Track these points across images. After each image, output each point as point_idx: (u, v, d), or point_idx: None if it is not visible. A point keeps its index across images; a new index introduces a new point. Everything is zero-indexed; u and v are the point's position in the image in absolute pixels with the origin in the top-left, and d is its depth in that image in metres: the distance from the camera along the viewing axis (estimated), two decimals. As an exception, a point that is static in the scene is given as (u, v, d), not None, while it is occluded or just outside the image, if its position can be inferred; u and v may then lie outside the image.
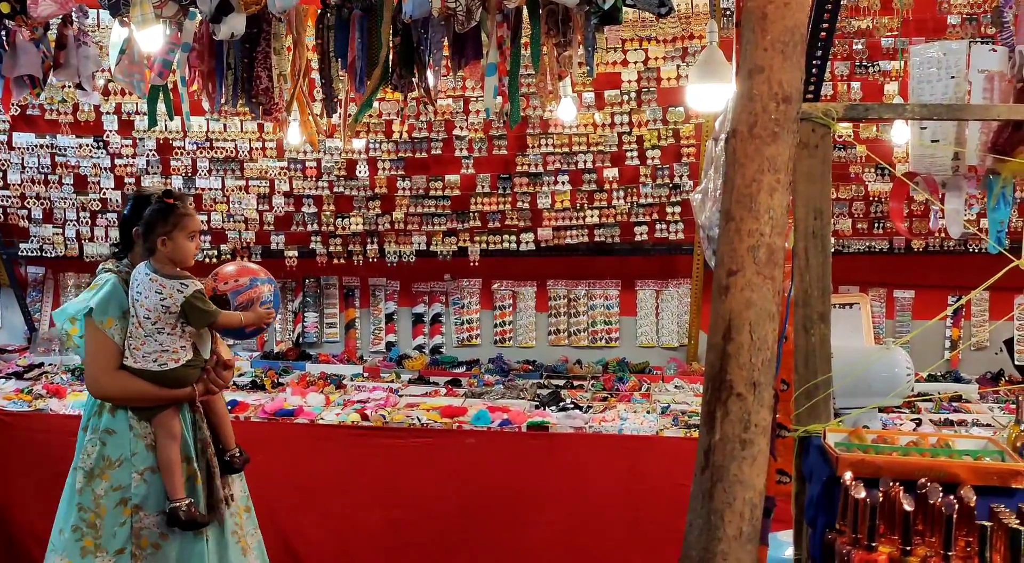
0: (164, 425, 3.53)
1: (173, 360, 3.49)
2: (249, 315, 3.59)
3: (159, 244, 3.48)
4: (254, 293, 3.61)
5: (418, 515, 5.20)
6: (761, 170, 2.18)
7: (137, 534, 3.53)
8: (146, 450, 3.54)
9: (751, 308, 2.12)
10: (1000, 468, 2.10)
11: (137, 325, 3.47)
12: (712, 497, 2.04)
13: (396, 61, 3.71)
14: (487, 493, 5.22)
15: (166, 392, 3.51)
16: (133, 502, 3.54)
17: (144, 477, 3.54)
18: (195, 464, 3.61)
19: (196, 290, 3.49)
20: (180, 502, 3.50)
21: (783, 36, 2.25)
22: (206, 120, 6.38)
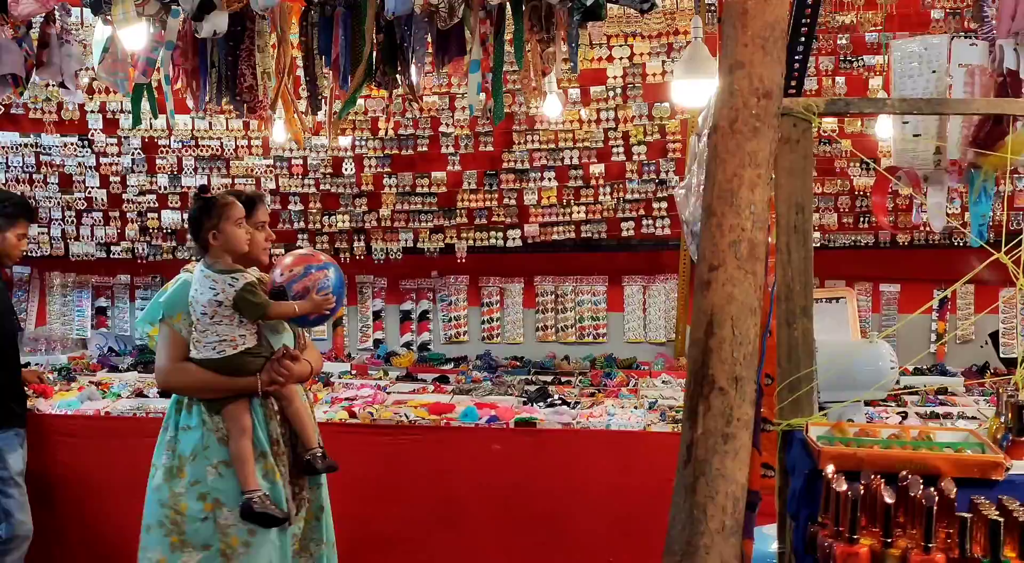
0: (233, 417, 3.52)
1: (231, 347, 3.48)
2: (304, 304, 3.53)
3: (210, 238, 3.49)
4: (309, 281, 3.56)
5: (406, 512, 5.20)
6: (742, 165, 2.19)
7: (224, 531, 3.51)
8: (218, 444, 3.52)
9: (733, 303, 2.12)
10: (980, 460, 2.11)
11: (197, 320, 3.49)
12: (695, 491, 2.05)
13: (380, 58, 3.71)
14: (475, 489, 5.23)
15: (228, 381, 3.49)
16: (212, 496, 3.51)
17: (219, 471, 3.52)
18: (269, 460, 3.57)
19: (247, 283, 3.47)
20: (252, 493, 3.47)
21: (763, 31, 2.26)
22: (191, 118, 6.37)
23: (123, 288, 7.21)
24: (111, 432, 5.37)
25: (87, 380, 6.17)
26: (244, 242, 3.55)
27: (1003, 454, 2.15)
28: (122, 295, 7.23)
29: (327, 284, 3.60)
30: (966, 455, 2.13)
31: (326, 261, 3.68)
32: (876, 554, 2.01)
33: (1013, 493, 2.09)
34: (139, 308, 7.21)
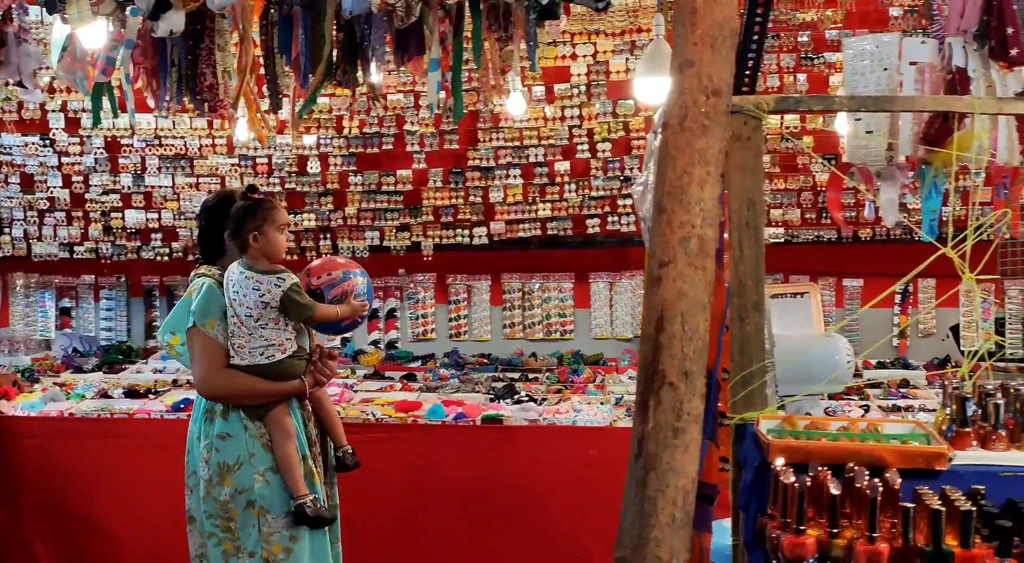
0: (277, 422, 3.47)
1: (280, 351, 3.45)
2: (344, 308, 3.53)
3: (251, 240, 3.44)
4: (348, 286, 3.56)
5: (373, 509, 5.21)
6: (692, 162, 2.22)
7: (267, 539, 3.47)
8: (263, 450, 3.47)
9: (683, 298, 2.15)
10: (924, 451, 2.15)
11: (239, 324, 3.42)
12: (645, 485, 2.08)
13: (340, 57, 3.71)
14: (442, 486, 5.24)
15: (277, 386, 3.46)
16: (259, 504, 3.46)
17: (265, 478, 3.46)
18: (309, 462, 3.55)
19: (293, 283, 3.44)
20: (304, 498, 3.44)
21: (712, 30, 2.29)
22: (154, 117, 6.34)
23: (87, 288, 7.16)
24: (75, 433, 5.34)
25: (51, 381, 6.12)
26: (283, 249, 3.52)
27: (947, 445, 2.19)
28: (86, 295, 7.18)
29: (363, 290, 3.62)
30: (911, 446, 2.17)
31: (359, 269, 3.69)
32: (823, 544, 2.04)
33: (957, 483, 2.14)
34: (104, 308, 7.18)
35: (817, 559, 2.05)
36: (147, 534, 5.21)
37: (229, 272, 3.49)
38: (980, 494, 2.12)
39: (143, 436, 5.32)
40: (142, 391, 5.82)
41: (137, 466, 5.26)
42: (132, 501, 5.25)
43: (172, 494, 5.14)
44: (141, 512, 5.22)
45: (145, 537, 5.21)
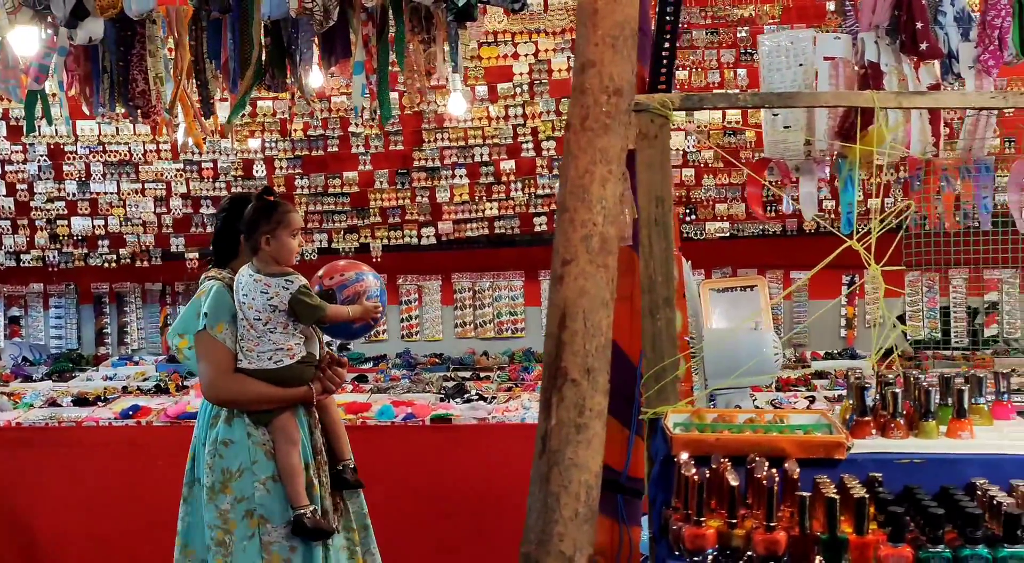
0: (283, 429, 3.42)
1: (289, 356, 3.39)
2: (356, 309, 3.47)
3: (263, 242, 3.39)
4: (360, 287, 3.51)
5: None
6: (593, 161, 2.24)
7: (267, 549, 3.41)
8: (266, 458, 3.42)
9: (584, 296, 2.18)
10: (822, 441, 2.19)
11: (248, 327, 3.38)
12: (549, 480, 2.10)
13: (268, 61, 3.72)
14: (392, 487, 5.25)
15: (284, 392, 3.40)
16: (259, 513, 3.41)
17: (266, 486, 3.42)
18: (311, 472, 3.49)
19: (302, 285, 3.39)
20: (304, 509, 3.39)
21: (613, 31, 2.31)
22: (97, 123, 6.30)
23: (36, 297, 7.11)
24: (23, 442, 5.31)
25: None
26: (294, 254, 3.47)
27: (846, 434, 2.23)
28: (36, 304, 7.13)
29: (376, 293, 3.56)
30: (809, 436, 2.21)
31: (371, 270, 3.65)
32: (722, 535, 2.08)
33: (855, 471, 2.18)
34: (54, 316, 7.13)
35: (717, 550, 2.08)
36: (96, 542, 5.19)
37: (240, 274, 3.44)
38: (877, 481, 2.17)
39: (91, 443, 5.30)
40: (91, 399, 5.80)
41: (86, 474, 5.23)
42: (81, 509, 5.23)
43: (121, 501, 5.16)
44: (90, 520, 5.20)
45: (94, 545, 5.19)
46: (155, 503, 4.91)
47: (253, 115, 6.32)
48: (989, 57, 2.97)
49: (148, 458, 5.14)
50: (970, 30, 3.02)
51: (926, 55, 3.00)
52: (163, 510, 4.66)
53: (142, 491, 5.09)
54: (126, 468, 5.22)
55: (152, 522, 4.94)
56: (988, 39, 2.98)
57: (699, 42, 5.99)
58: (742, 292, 4.25)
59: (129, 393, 5.96)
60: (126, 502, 5.18)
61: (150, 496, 4.99)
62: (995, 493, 2.07)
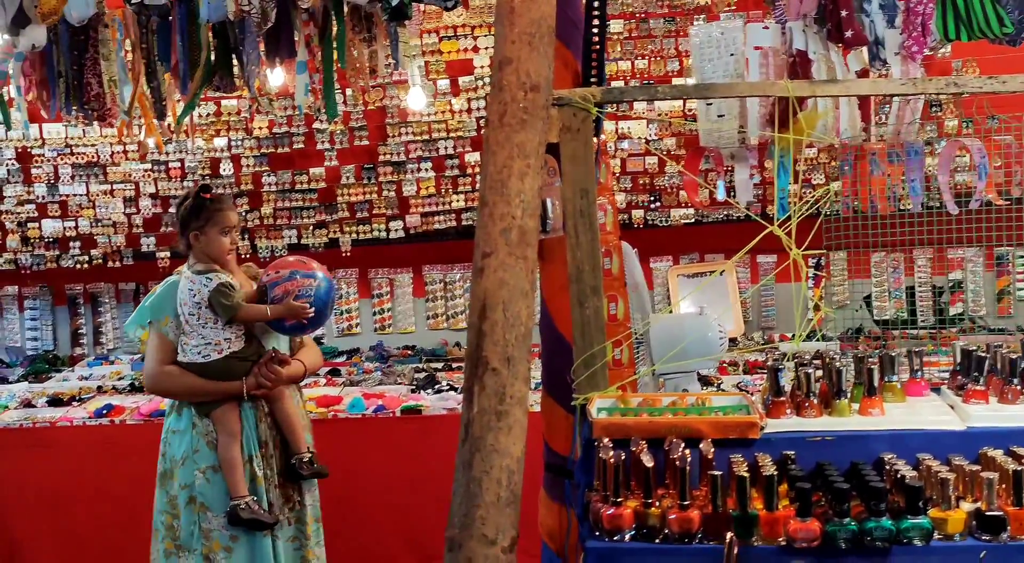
0: (221, 421, 3.50)
1: (216, 351, 3.47)
2: (278, 308, 3.47)
3: (192, 239, 3.50)
4: (291, 285, 3.49)
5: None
6: (511, 156, 2.31)
7: (207, 535, 3.51)
8: (207, 448, 3.51)
9: (504, 287, 2.24)
10: (737, 421, 2.27)
11: (185, 323, 3.49)
12: (471, 466, 2.17)
13: (217, 61, 3.77)
14: (363, 478, 5.32)
15: (213, 385, 3.48)
16: (200, 500, 3.52)
17: (206, 476, 3.51)
18: (255, 464, 3.55)
19: (219, 284, 3.45)
20: (241, 500, 3.46)
21: (529, 28, 2.38)
22: (64, 126, 6.34)
23: (11, 300, 7.14)
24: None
25: (-27, 393, 6.12)
26: (225, 250, 3.53)
27: (760, 414, 2.30)
28: (10, 306, 7.16)
29: (309, 293, 3.51)
30: (724, 417, 2.29)
31: (317, 271, 3.61)
32: (639, 515, 2.16)
33: (769, 450, 2.26)
34: (29, 318, 7.18)
35: (635, 529, 2.16)
36: (71, 539, 5.24)
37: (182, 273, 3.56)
38: (790, 459, 2.25)
39: (65, 443, 5.35)
40: (66, 399, 5.84)
41: (61, 473, 5.28)
42: (56, 508, 5.28)
43: (96, 499, 5.22)
44: (65, 518, 5.25)
45: (69, 542, 5.25)
46: (129, 500, 4.97)
47: (218, 114, 6.37)
48: (913, 43, 3.03)
49: (122, 455, 5.20)
50: (895, 17, 3.08)
51: (852, 42, 3.06)
52: (137, 506, 4.71)
53: (116, 488, 5.15)
54: (100, 466, 5.28)
55: (126, 518, 5.00)
56: (912, 25, 3.05)
57: (656, 31, 6.04)
58: (709, 277, 4.33)
59: (104, 392, 6.01)
60: (100, 500, 5.24)
61: (124, 493, 5.06)
62: (900, 467, 2.15)
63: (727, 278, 4.44)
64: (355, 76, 3.57)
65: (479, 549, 2.11)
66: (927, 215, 4.04)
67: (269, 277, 3.57)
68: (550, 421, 3.17)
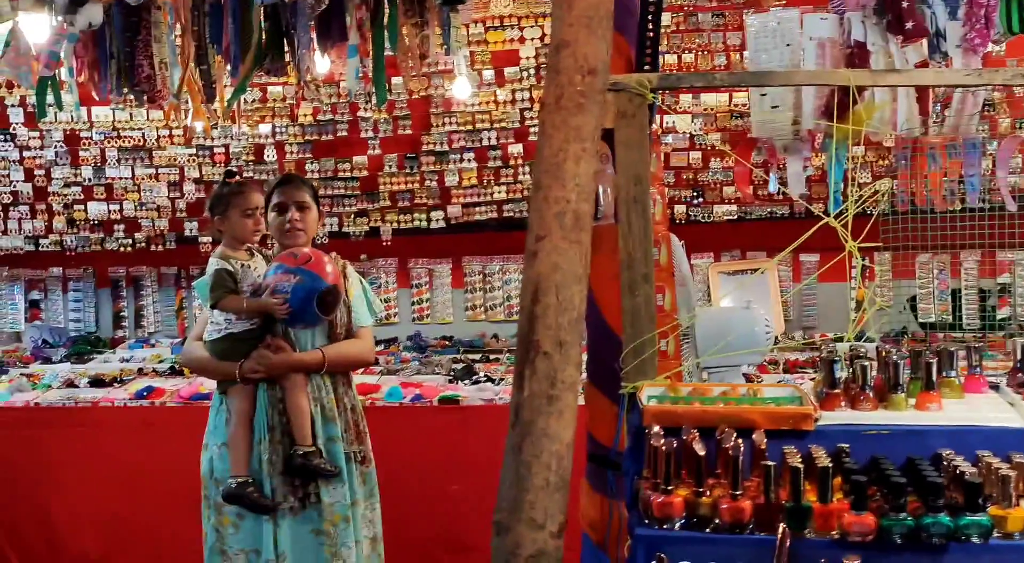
0: (231, 401, 3.62)
1: (216, 331, 3.59)
2: (252, 302, 3.51)
3: (217, 223, 3.62)
4: (273, 280, 3.47)
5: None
6: (567, 140, 2.29)
7: (219, 509, 3.62)
8: (224, 425, 3.64)
9: (557, 271, 2.22)
10: (790, 412, 2.23)
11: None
12: (521, 450, 2.15)
13: (267, 45, 3.78)
14: (400, 466, 5.32)
15: (213, 363, 3.63)
16: (215, 475, 3.65)
17: (220, 451, 3.64)
18: (262, 447, 3.59)
19: (215, 270, 3.53)
20: (234, 479, 3.53)
21: (588, 11, 2.35)
22: (112, 110, 6.40)
23: (56, 280, 7.24)
24: (40, 423, 5.41)
25: (18, 372, 6.20)
26: (249, 233, 3.59)
27: (814, 406, 2.27)
28: (55, 287, 7.26)
29: (285, 289, 3.43)
30: (778, 408, 2.25)
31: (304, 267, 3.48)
32: (690, 504, 2.13)
33: (823, 443, 2.22)
34: (72, 299, 7.26)
35: (685, 517, 2.13)
36: (110, 518, 5.29)
37: None
38: (845, 452, 2.21)
39: (106, 424, 5.40)
40: (108, 380, 5.90)
41: (101, 453, 5.33)
42: (96, 487, 5.32)
43: (135, 479, 5.26)
44: (104, 497, 5.30)
45: (108, 521, 5.29)
46: (168, 481, 5.01)
47: (264, 100, 6.40)
48: (975, 35, 2.98)
49: (161, 437, 5.24)
50: (957, 9, 3.03)
51: (912, 34, 3.01)
52: (176, 487, 4.77)
53: (155, 469, 5.18)
54: (140, 447, 5.32)
55: (165, 499, 5.05)
56: (975, 18, 2.99)
57: (705, 25, 6.00)
58: (751, 275, 4.29)
59: (144, 375, 6.06)
60: (140, 480, 5.27)
61: (164, 474, 5.09)
62: (959, 463, 2.10)
63: (768, 276, 4.39)
64: (405, 61, 3.57)
65: (527, 533, 2.10)
66: (979, 215, 3.97)
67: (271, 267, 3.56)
68: (594, 411, 3.14)
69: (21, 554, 5.34)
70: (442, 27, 3.43)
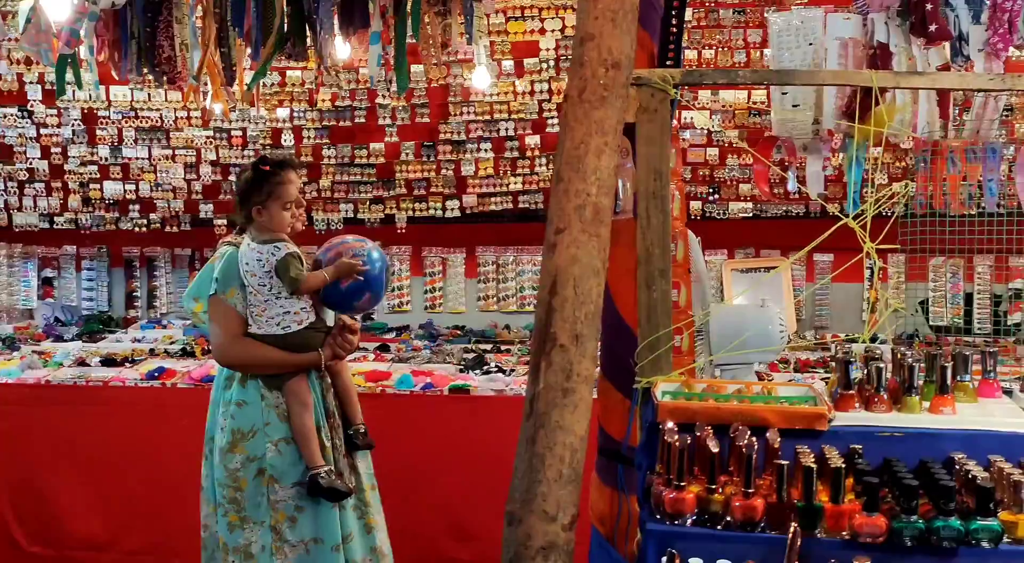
0: (295, 392, 3.46)
1: (296, 322, 3.41)
2: (331, 269, 3.39)
3: (254, 213, 3.43)
4: (342, 248, 3.44)
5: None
6: (589, 133, 2.29)
7: (274, 507, 3.48)
8: (279, 420, 3.47)
9: (576, 264, 2.23)
10: (804, 412, 2.23)
11: (254, 294, 3.42)
12: (535, 442, 2.16)
13: (290, 29, 3.78)
14: (410, 454, 5.33)
15: (292, 357, 3.43)
16: (269, 473, 3.47)
17: (278, 448, 3.47)
18: (323, 434, 3.53)
19: (286, 254, 3.39)
20: (319, 469, 3.42)
21: (613, 5, 2.35)
22: (130, 89, 6.41)
23: (69, 258, 7.27)
24: (51, 401, 5.43)
25: (30, 349, 6.23)
26: (287, 226, 3.47)
27: (828, 406, 2.27)
28: (68, 266, 7.29)
29: (362, 252, 3.44)
30: (792, 407, 2.26)
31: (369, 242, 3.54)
32: (701, 500, 2.14)
33: (836, 443, 2.23)
34: (86, 278, 7.29)
35: (697, 514, 2.14)
36: (118, 496, 5.31)
37: (242, 244, 3.48)
38: (857, 453, 2.21)
39: (117, 403, 5.41)
40: (119, 360, 5.92)
41: (111, 432, 5.35)
42: (105, 465, 5.34)
43: (145, 461, 5.29)
44: (113, 476, 5.32)
45: (116, 499, 5.31)
46: (178, 462, 5.03)
47: (282, 85, 6.41)
48: (999, 40, 2.96)
49: (172, 418, 5.24)
50: (981, 12, 3.01)
51: (935, 37, 3.00)
52: (185, 469, 4.77)
53: (165, 450, 5.20)
54: (150, 427, 5.33)
55: (174, 480, 5.05)
56: (998, 22, 2.98)
57: (726, 21, 5.98)
58: (765, 273, 4.28)
59: (156, 355, 6.09)
60: (149, 460, 5.29)
61: (173, 455, 5.10)
62: (971, 467, 2.10)
63: (782, 275, 4.39)
64: (427, 49, 3.57)
65: (539, 525, 2.11)
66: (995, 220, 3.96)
67: (321, 250, 3.53)
68: (606, 405, 3.15)
69: (27, 532, 5.36)
70: (464, 16, 3.42)
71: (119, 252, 7.23)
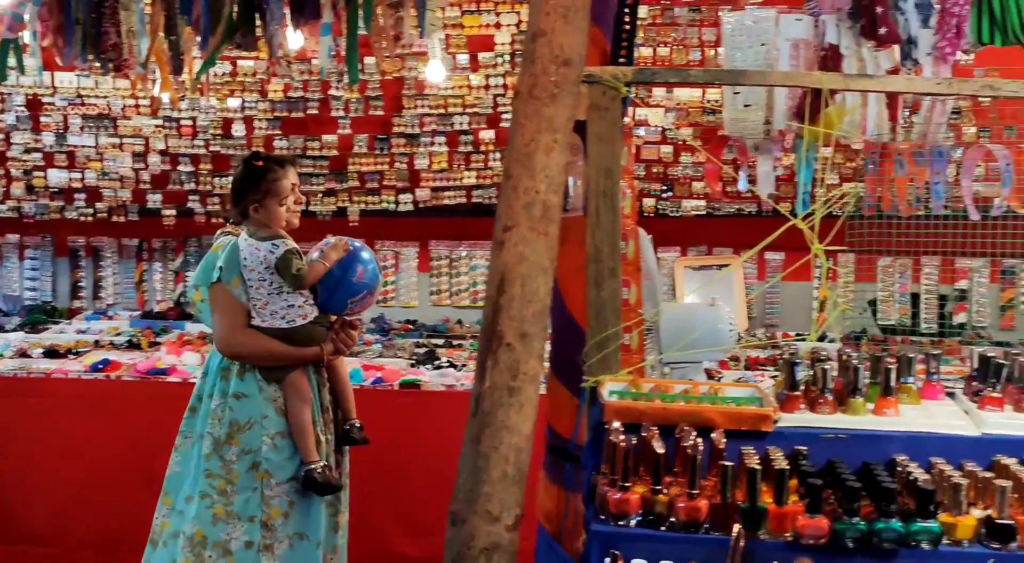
0: (294, 386, 3.43)
1: (300, 317, 3.38)
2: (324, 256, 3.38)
3: (252, 210, 3.38)
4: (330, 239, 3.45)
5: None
6: (539, 130, 2.28)
7: (268, 502, 3.44)
8: (276, 414, 3.43)
9: (524, 262, 2.22)
10: (750, 413, 2.24)
11: (256, 288, 3.37)
12: (480, 441, 2.15)
13: (239, 19, 3.72)
14: (360, 450, 5.26)
15: (296, 351, 3.40)
16: (264, 467, 3.43)
17: (274, 442, 3.43)
18: (318, 429, 3.51)
19: (286, 250, 3.35)
20: (316, 464, 3.41)
21: (565, 1, 2.34)
22: (76, 76, 6.29)
23: (12, 247, 7.12)
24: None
25: (-32, 341, 6.10)
26: (283, 221, 3.43)
27: (774, 408, 2.27)
28: (11, 255, 7.13)
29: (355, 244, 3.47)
30: (737, 408, 2.26)
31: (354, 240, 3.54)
32: (646, 501, 2.13)
33: (782, 444, 2.23)
34: (29, 267, 7.15)
35: (641, 515, 2.14)
36: (63, 489, 5.22)
37: (240, 237, 3.44)
38: (802, 455, 2.22)
39: (60, 396, 5.32)
40: (62, 351, 5.81)
41: (54, 425, 5.25)
42: (49, 458, 5.25)
43: (89, 454, 5.20)
44: (57, 470, 5.22)
45: (61, 492, 5.22)
46: (122, 455, 4.96)
47: (234, 74, 6.32)
48: (947, 44, 2.99)
49: (117, 411, 5.17)
50: (930, 17, 3.04)
51: (885, 40, 3.02)
52: (131, 462, 4.71)
53: (109, 443, 5.12)
54: (94, 421, 5.24)
55: (118, 473, 4.99)
56: (947, 26, 3.01)
57: (681, 19, 5.99)
58: (716, 271, 4.30)
59: (101, 347, 5.98)
60: (93, 453, 5.20)
61: (118, 448, 5.03)
62: (913, 469, 2.12)
63: (734, 273, 4.41)
64: (379, 41, 3.53)
65: (483, 525, 2.09)
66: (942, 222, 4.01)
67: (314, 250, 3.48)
68: (555, 403, 3.14)
69: (-32, 525, 5.27)
70: (417, 9, 3.39)
71: (64, 241, 7.10)
